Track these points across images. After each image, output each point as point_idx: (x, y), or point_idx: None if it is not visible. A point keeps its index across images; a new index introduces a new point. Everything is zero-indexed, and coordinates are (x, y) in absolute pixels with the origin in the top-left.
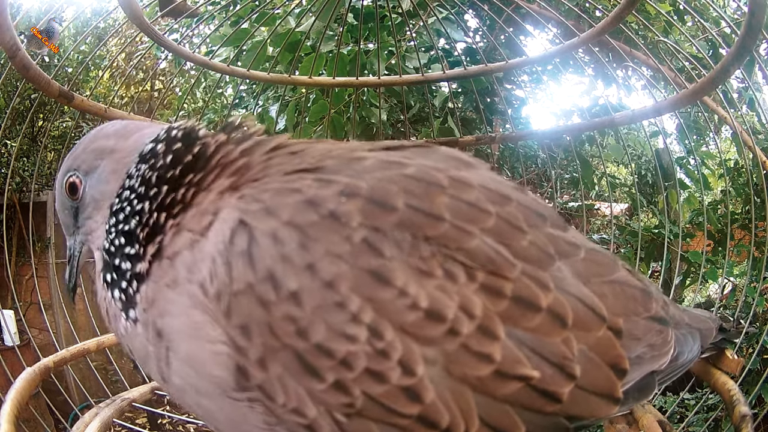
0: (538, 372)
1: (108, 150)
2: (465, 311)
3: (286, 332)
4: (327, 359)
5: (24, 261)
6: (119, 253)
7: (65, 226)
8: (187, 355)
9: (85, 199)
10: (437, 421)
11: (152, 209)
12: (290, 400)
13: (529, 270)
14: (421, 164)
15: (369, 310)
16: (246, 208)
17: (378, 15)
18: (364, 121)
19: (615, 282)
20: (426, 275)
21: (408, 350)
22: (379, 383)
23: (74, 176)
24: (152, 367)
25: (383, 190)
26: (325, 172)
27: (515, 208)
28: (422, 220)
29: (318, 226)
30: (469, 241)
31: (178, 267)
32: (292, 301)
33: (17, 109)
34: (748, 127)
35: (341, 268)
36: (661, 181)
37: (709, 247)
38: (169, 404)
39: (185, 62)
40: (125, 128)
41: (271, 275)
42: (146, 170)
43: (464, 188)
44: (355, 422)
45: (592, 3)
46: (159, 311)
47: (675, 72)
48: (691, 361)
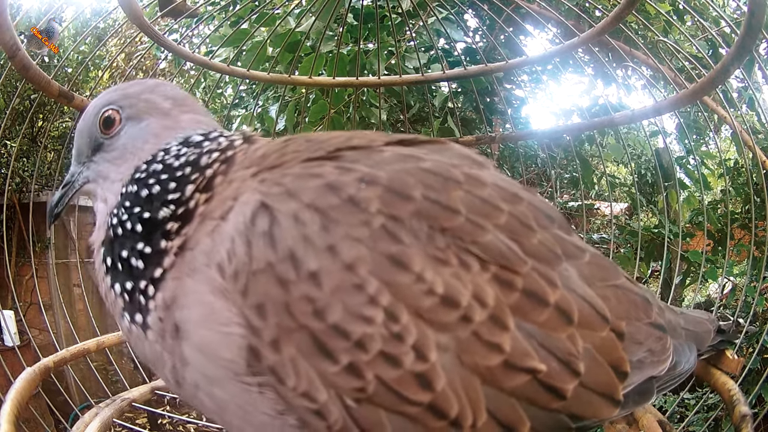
0: (545, 365)
1: (163, 111)
2: (478, 300)
3: (303, 312)
4: (342, 340)
5: (24, 261)
6: (130, 243)
7: (77, 150)
8: (200, 341)
9: (117, 141)
10: (446, 411)
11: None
12: (301, 383)
13: (539, 267)
14: (437, 159)
15: (386, 293)
16: (267, 191)
17: (378, 15)
18: (364, 121)
19: (618, 287)
20: (442, 263)
21: (422, 335)
22: (392, 367)
23: (116, 111)
24: (165, 371)
25: (401, 180)
26: (344, 161)
27: (526, 207)
28: (439, 212)
29: (339, 209)
30: (483, 235)
31: (198, 255)
32: (312, 281)
33: (17, 109)
34: (747, 127)
35: (361, 251)
36: (661, 180)
37: (709, 246)
38: (169, 404)
39: (185, 62)
40: (185, 100)
41: (291, 255)
42: (192, 155)
43: (478, 185)
44: (364, 408)
45: (592, 3)
46: (178, 306)
47: (675, 72)
48: (687, 371)
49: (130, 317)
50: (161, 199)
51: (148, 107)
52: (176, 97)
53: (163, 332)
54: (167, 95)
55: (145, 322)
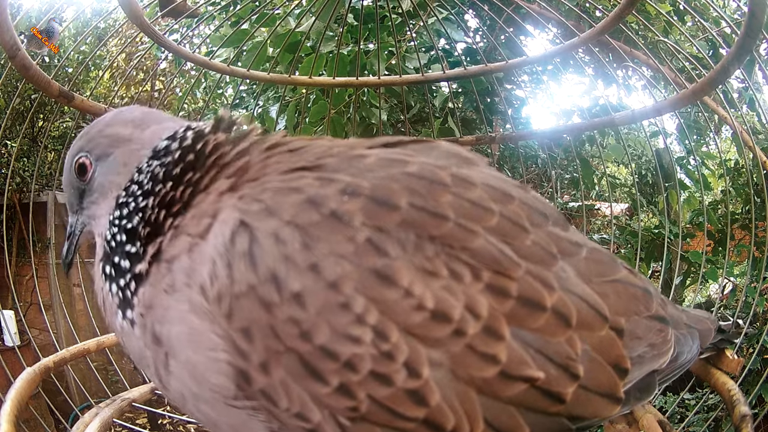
0: (543, 373)
1: (123, 139)
2: (471, 311)
3: (289, 334)
4: (331, 362)
5: (24, 261)
6: (120, 249)
7: (69, 202)
8: (186, 362)
9: (93, 183)
10: (442, 425)
11: (154, 206)
12: (294, 404)
13: (534, 269)
14: (423, 162)
15: (374, 311)
16: (246, 209)
17: (378, 15)
18: (364, 121)
19: (617, 281)
20: (431, 275)
21: (414, 352)
22: (384, 386)
23: (85, 157)
24: (150, 369)
25: (386, 188)
26: (325, 171)
27: (518, 206)
28: (426, 220)
29: (320, 225)
30: (473, 241)
31: (175, 272)
32: (296, 303)
33: (17, 109)
34: (748, 127)
35: (345, 268)
36: (661, 181)
37: (709, 247)
38: (169, 404)
39: (185, 62)
40: (144, 117)
41: (273, 276)
42: (156, 167)
43: (467, 186)
44: (359, 426)
45: (592, 3)
46: (157, 317)
47: (675, 72)
48: (690, 361)
49: (122, 314)
50: (136, 209)
51: (110, 141)
52: (135, 118)
53: (144, 330)
54: (126, 120)
55: (132, 317)
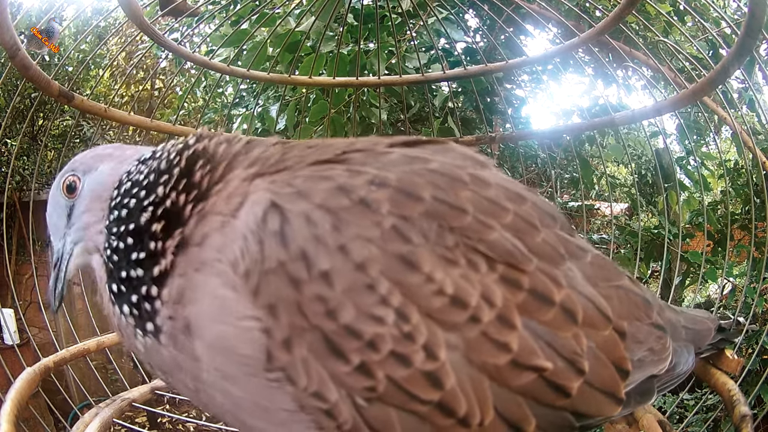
0: (551, 364)
1: (107, 155)
2: (486, 299)
3: (315, 312)
4: (354, 340)
5: (24, 260)
6: (125, 259)
7: (54, 229)
8: (215, 337)
9: (83, 193)
10: (455, 409)
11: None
12: (312, 383)
13: (543, 266)
14: (443, 161)
15: (397, 293)
16: (278, 191)
17: (378, 15)
18: (364, 121)
19: (620, 287)
20: (451, 263)
21: (432, 335)
22: (402, 366)
23: (73, 175)
24: (182, 376)
25: (411, 181)
26: (353, 164)
27: (530, 207)
28: (447, 212)
29: (349, 210)
30: (489, 234)
31: (206, 249)
32: (324, 281)
33: (17, 107)
34: (748, 128)
35: (372, 251)
36: (661, 181)
37: (708, 247)
38: (168, 403)
39: (185, 62)
40: (122, 146)
41: (303, 254)
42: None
43: (484, 185)
44: (375, 407)
45: (592, 3)
46: (188, 300)
47: (675, 72)
48: (686, 373)
49: (142, 331)
50: (139, 207)
51: (95, 159)
52: (116, 146)
53: (175, 331)
54: (105, 148)
55: (156, 327)
